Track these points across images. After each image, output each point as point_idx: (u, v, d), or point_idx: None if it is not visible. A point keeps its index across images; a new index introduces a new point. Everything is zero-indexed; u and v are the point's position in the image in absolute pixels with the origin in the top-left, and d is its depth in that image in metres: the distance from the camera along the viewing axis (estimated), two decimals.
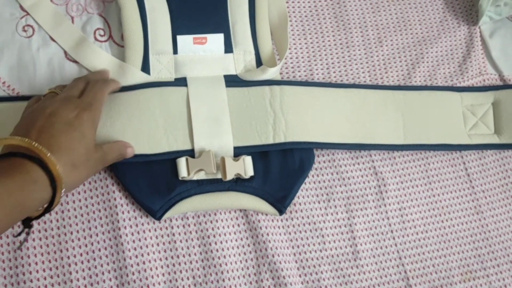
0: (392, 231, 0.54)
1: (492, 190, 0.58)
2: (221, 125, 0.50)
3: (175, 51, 0.53)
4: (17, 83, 0.51)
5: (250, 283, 0.50)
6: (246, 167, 0.50)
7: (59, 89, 0.47)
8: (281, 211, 0.51)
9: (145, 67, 0.52)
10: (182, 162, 0.48)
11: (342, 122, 0.54)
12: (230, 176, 0.48)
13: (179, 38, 0.53)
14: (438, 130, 0.56)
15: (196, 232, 0.50)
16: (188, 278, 0.49)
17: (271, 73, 0.53)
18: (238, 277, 0.49)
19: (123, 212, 0.49)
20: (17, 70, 0.51)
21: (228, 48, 0.54)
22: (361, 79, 0.59)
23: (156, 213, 0.48)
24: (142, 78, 0.51)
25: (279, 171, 0.51)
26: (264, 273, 0.50)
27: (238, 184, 0.50)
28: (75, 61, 0.53)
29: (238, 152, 0.50)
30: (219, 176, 0.49)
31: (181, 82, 0.52)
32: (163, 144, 0.49)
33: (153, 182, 0.49)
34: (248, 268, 0.50)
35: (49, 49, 0.53)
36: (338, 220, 0.53)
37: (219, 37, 0.54)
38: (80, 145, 0.41)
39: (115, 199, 0.49)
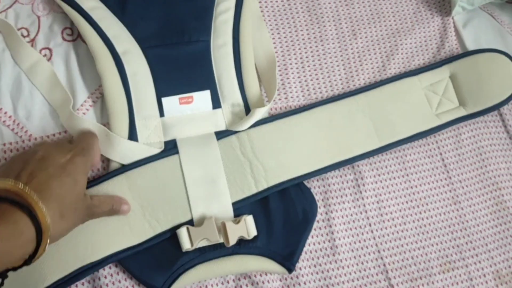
0: (370, 224, 0.54)
1: (469, 180, 0.58)
2: (217, 186, 0.49)
3: (161, 113, 0.51)
4: None
5: (228, 282, 0.49)
6: (248, 227, 0.47)
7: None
8: (290, 270, 0.49)
9: (132, 133, 0.50)
10: (183, 233, 0.46)
11: (318, 146, 0.52)
12: (233, 241, 0.46)
13: (164, 100, 0.52)
14: (408, 121, 0.56)
15: None
16: None
17: (260, 114, 0.51)
18: (216, 277, 0.49)
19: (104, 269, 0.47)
20: None
21: (216, 103, 0.53)
22: (336, 73, 0.59)
23: None
24: (130, 145, 0.49)
25: (282, 226, 0.49)
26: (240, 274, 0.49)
27: (242, 247, 0.48)
28: None
29: (235, 207, 0.49)
30: (221, 240, 0.47)
31: (171, 147, 0.50)
32: (162, 222, 0.47)
33: (153, 257, 0.46)
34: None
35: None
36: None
37: (206, 94, 0.53)
38: (71, 192, 0.39)
39: None
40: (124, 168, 0.48)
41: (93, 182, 0.47)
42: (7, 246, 0.33)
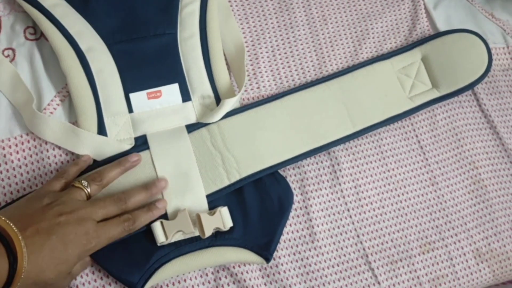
0: (348, 210, 0.54)
1: (445, 160, 0.58)
2: (190, 179, 0.48)
3: (130, 109, 0.50)
4: None
5: (207, 275, 0.49)
6: (223, 219, 0.47)
7: (89, 188, 0.44)
8: (267, 259, 0.48)
9: (102, 131, 0.49)
10: (157, 226, 0.45)
11: (290, 134, 0.52)
12: (208, 232, 0.45)
13: (132, 96, 0.51)
14: (381, 106, 0.56)
15: None
16: None
17: (230, 105, 0.51)
18: (194, 271, 0.48)
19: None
20: None
21: (185, 96, 0.52)
22: (308, 59, 0.58)
23: (136, 286, 0.45)
24: (100, 141, 0.48)
25: (258, 216, 0.49)
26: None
27: (218, 239, 0.47)
28: None
29: (209, 200, 0.48)
30: (197, 233, 0.47)
31: (141, 143, 0.49)
32: None
33: (128, 253, 0.46)
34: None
35: None
36: (293, 203, 0.52)
37: (174, 87, 0.52)
38: (56, 270, 0.39)
39: None
40: (96, 164, 0.47)
41: (89, 168, 0.47)
42: None
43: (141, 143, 0.49)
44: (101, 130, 0.49)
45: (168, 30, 0.54)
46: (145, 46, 0.52)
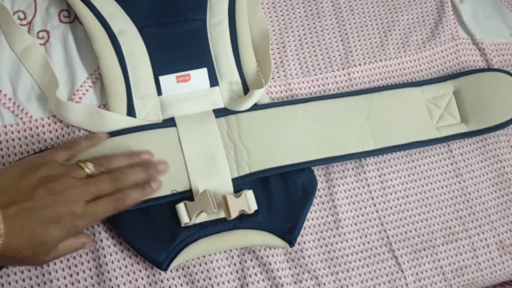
0: (372, 198, 0.54)
1: (470, 152, 0.58)
2: (216, 162, 0.48)
3: (159, 92, 0.51)
4: None
5: (232, 257, 0.49)
6: (249, 201, 0.47)
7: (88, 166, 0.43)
8: (291, 243, 0.49)
9: (131, 112, 0.50)
10: (181, 208, 0.46)
11: (308, 139, 0.51)
12: (234, 214, 0.46)
13: (162, 78, 0.51)
14: (406, 129, 0.55)
15: None
16: None
17: (257, 96, 0.51)
18: (220, 252, 0.49)
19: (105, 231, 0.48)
20: None
21: (214, 81, 0.53)
22: (334, 49, 0.59)
23: (162, 264, 0.46)
24: (127, 122, 0.49)
25: (283, 201, 0.49)
26: (245, 247, 0.49)
27: (243, 221, 0.48)
28: (42, 44, 0.52)
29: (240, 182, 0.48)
30: (222, 215, 0.47)
31: (169, 123, 0.50)
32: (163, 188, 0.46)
33: (155, 232, 0.46)
34: (231, 252, 0.49)
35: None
36: (319, 189, 0.53)
37: (203, 72, 0.53)
38: (32, 250, 0.39)
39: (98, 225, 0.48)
40: (125, 131, 0.48)
41: (116, 132, 0.48)
42: None
43: (169, 125, 0.50)
44: (130, 111, 0.50)
45: (198, 15, 0.54)
46: (175, 31, 0.53)
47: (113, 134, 0.48)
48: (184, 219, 0.46)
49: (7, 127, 0.49)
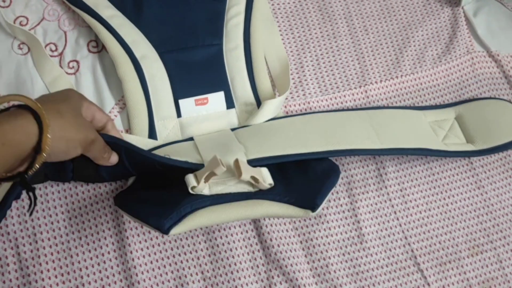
0: (395, 212, 0.55)
1: (490, 164, 0.58)
2: (230, 147, 0.48)
3: (178, 114, 0.54)
4: None
5: (259, 273, 0.50)
6: (263, 174, 0.45)
7: None
8: (313, 208, 0.43)
9: (152, 134, 0.52)
10: (190, 176, 0.43)
11: (308, 135, 0.51)
12: (246, 175, 0.43)
13: (181, 102, 0.54)
14: (412, 136, 0.54)
15: (201, 228, 0.51)
16: (197, 274, 0.49)
17: (270, 108, 0.53)
18: (247, 269, 0.50)
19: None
20: (15, 86, 0.53)
21: (230, 103, 0.55)
22: (351, 67, 0.60)
23: (164, 225, 0.40)
24: (150, 144, 0.51)
25: (301, 181, 0.48)
26: (271, 263, 0.50)
27: (258, 193, 0.45)
28: (73, 73, 0.55)
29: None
30: (235, 190, 0.44)
31: (188, 139, 0.52)
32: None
33: (160, 201, 0.44)
34: (255, 259, 0.50)
35: None
36: (341, 205, 0.54)
37: (220, 95, 0.55)
38: (78, 125, 0.40)
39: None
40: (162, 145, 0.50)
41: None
42: (17, 134, 0.36)
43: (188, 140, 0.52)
44: (152, 132, 0.52)
45: (215, 41, 0.57)
46: (194, 56, 0.56)
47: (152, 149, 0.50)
48: (192, 182, 0.43)
49: None
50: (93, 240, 0.49)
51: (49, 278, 0.47)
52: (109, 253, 0.49)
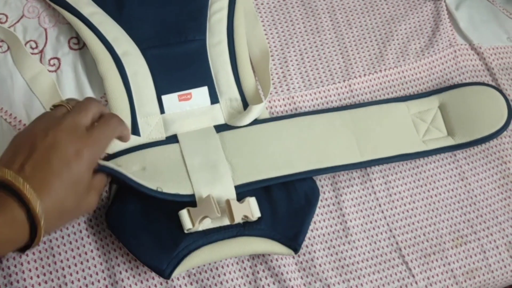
0: (380, 205, 0.55)
1: (474, 156, 0.58)
2: (219, 171, 0.49)
3: (162, 111, 0.53)
4: None
5: (244, 269, 0.50)
6: (252, 208, 0.48)
7: (70, 104, 0.43)
8: (296, 250, 0.49)
9: (135, 130, 0.52)
10: (184, 214, 0.46)
11: (293, 152, 0.52)
12: (238, 218, 0.46)
13: (164, 98, 0.53)
14: (392, 142, 0.55)
15: None
16: None
17: (256, 111, 0.53)
18: (232, 264, 0.50)
19: None
20: None
21: (214, 98, 0.55)
22: (335, 62, 0.61)
23: (164, 271, 0.45)
24: (133, 141, 0.51)
25: (286, 209, 0.50)
26: (256, 258, 0.51)
27: (247, 228, 0.48)
28: (54, 71, 0.54)
29: (239, 191, 0.49)
30: (225, 223, 0.48)
31: (172, 139, 0.52)
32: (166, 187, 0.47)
33: (158, 241, 0.47)
34: (243, 261, 0.50)
35: None
36: (326, 199, 0.54)
37: (204, 90, 0.55)
38: (73, 193, 0.39)
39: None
40: (129, 150, 0.50)
41: (118, 153, 0.49)
42: (5, 231, 0.35)
43: (172, 142, 0.52)
44: (135, 130, 0.52)
45: (198, 36, 0.57)
46: (177, 51, 0.55)
47: (118, 154, 0.50)
48: (187, 225, 0.46)
49: None
50: (75, 239, 0.48)
51: (31, 278, 0.47)
52: (92, 251, 0.48)
